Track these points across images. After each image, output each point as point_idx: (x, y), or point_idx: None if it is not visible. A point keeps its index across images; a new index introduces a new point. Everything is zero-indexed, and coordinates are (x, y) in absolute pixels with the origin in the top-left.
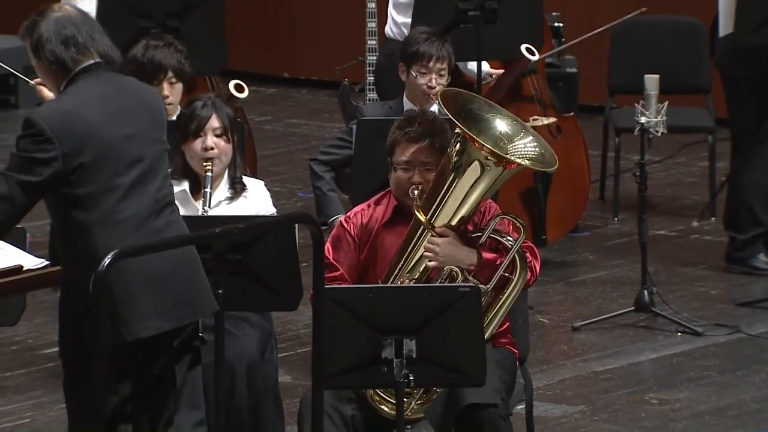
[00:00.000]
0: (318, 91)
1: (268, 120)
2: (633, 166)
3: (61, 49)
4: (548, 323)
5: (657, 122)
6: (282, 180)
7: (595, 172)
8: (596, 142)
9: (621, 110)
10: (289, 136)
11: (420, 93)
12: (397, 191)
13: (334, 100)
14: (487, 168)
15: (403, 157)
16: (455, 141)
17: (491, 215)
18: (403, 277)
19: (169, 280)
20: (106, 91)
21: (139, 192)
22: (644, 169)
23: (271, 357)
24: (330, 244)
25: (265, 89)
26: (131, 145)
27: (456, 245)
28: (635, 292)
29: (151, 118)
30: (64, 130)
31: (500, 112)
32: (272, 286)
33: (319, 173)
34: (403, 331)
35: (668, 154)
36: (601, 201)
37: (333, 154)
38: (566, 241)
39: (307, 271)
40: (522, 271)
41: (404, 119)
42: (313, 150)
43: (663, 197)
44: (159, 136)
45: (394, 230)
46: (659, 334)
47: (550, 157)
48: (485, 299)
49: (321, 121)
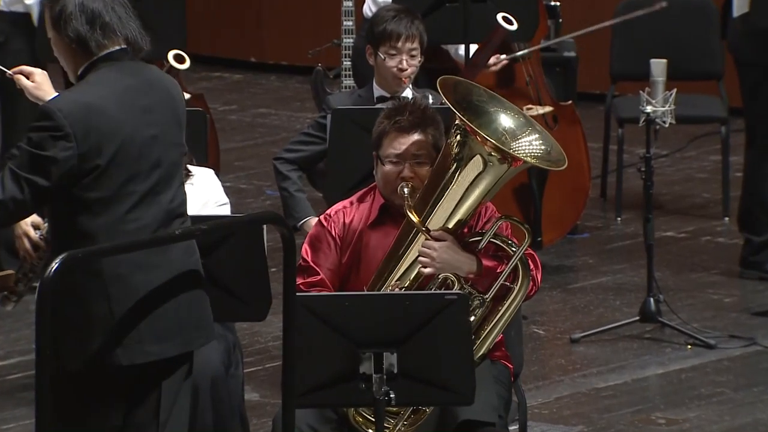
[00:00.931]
0: (288, 77)
1: (233, 109)
2: (638, 161)
3: (87, 29)
4: (544, 335)
5: (664, 112)
6: (249, 176)
7: (595, 167)
8: (597, 134)
9: (624, 99)
10: (257, 127)
11: (390, 77)
12: (384, 188)
13: (307, 87)
14: (491, 164)
15: (393, 150)
16: (455, 132)
17: (488, 218)
18: (392, 284)
19: (174, 299)
20: (132, 84)
21: (152, 201)
22: (650, 164)
23: (236, 372)
24: (308, 245)
25: (230, 75)
26: (152, 148)
27: (454, 250)
28: (640, 300)
29: (174, 118)
30: (85, 126)
31: (504, 106)
32: (238, 294)
33: (285, 173)
34: (384, 344)
35: (677, 147)
36: (602, 199)
37: (299, 151)
38: (564, 244)
39: (277, 276)
40: (524, 280)
41: (393, 108)
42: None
43: (671, 195)
44: (179, 139)
45: (380, 231)
46: (667, 347)
47: (557, 154)
48: (482, 310)
49: (292, 110)
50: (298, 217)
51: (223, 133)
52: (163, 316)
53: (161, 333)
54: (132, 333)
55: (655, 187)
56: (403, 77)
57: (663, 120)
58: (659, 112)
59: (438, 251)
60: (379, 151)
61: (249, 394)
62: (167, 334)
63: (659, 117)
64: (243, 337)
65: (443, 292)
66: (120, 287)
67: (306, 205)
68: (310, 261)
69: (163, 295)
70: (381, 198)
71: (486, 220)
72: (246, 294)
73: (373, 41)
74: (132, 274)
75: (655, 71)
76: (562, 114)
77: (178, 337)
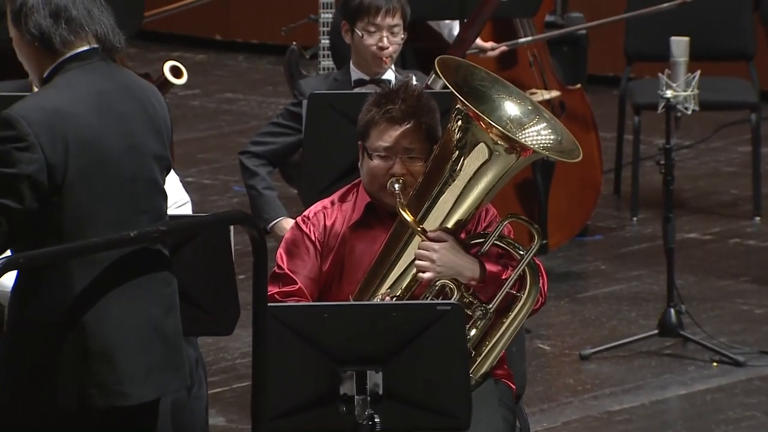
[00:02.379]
0: (258, 57)
1: (196, 94)
2: (656, 153)
3: (50, 23)
4: (550, 351)
5: (686, 97)
6: (213, 170)
7: (608, 160)
8: (610, 122)
9: (641, 82)
10: (223, 114)
11: (370, 57)
12: (370, 185)
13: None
14: (496, 153)
15: (382, 142)
16: (456, 117)
17: (489, 220)
18: (382, 294)
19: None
20: (106, 88)
21: (130, 222)
22: (670, 156)
23: (199, 393)
24: (284, 250)
25: (192, 55)
26: (129, 161)
27: (457, 252)
28: (659, 312)
29: (154, 127)
30: (53, 135)
31: (509, 91)
32: (201, 304)
33: (252, 169)
34: (367, 361)
35: (701, 137)
36: (616, 196)
37: (268, 144)
38: (572, 247)
39: (246, 285)
40: (533, 288)
41: (383, 94)
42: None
43: (694, 191)
44: (161, 151)
45: (365, 234)
46: (690, 365)
47: (569, 143)
48: (485, 322)
49: (263, 95)
50: (268, 218)
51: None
52: (141, 353)
53: (140, 373)
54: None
55: (676, 182)
56: (384, 57)
57: (685, 106)
58: (681, 98)
59: (438, 253)
60: (365, 143)
61: (214, 418)
62: (146, 374)
63: (681, 103)
64: (207, 354)
65: (434, 302)
66: (94, 321)
67: (277, 205)
68: (286, 268)
69: (141, 331)
70: (366, 196)
71: (486, 225)
72: (210, 304)
73: (349, 16)
74: (107, 307)
75: (677, 50)
76: (571, 99)
77: (155, 379)
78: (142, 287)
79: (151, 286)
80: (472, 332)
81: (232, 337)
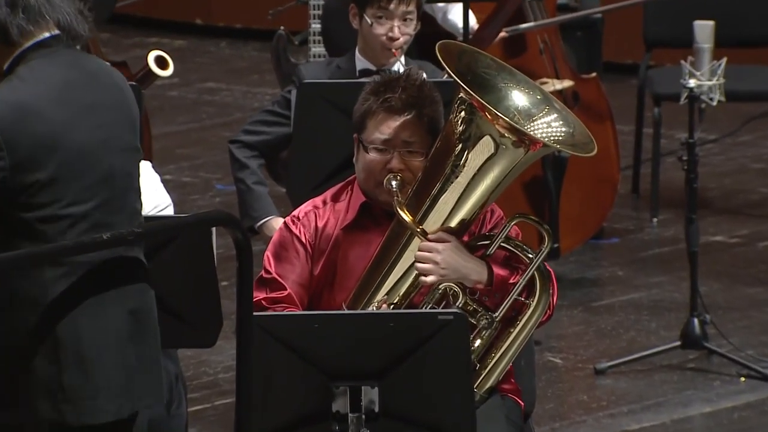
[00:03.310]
0: (243, 44)
1: (174, 84)
2: (678, 148)
3: (6, 12)
4: (562, 364)
5: (711, 87)
6: (193, 167)
7: (626, 155)
8: (628, 114)
9: (662, 70)
10: (203, 105)
11: (378, 47)
12: (366, 182)
13: (266, 56)
14: (503, 147)
15: (380, 134)
16: (459, 107)
17: (494, 221)
18: (378, 302)
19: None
20: (72, 78)
21: (105, 222)
22: (694, 152)
23: (178, 410)
24: (271, 253)
25: (170, 41)
26: (102, 155)
27: (462, 253)
28: (682, 322)
29: (126, 118)
30: (18, 131)
31: (516, 79)
32: (180, 314)
33: (243, 160)
34: (362, 376)
35: (727, 131)
36: (634, 195)
37: (261, 134)
38: (586, 251)
39: (230, 292)
40: (542, 295)
41: (381, 82)
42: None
43: (720, 190)
44: (134, 143)
45: (360, 237)
46: (715, 379)
47: (582, 136)
48: (490, 332)
49: (248, 85)
50: (257, 216)
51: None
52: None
53: (115, 388)
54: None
55: (700, 180)
56: (394, 48)
57: (710, 97)
58: (705, 87)
59: (441, 254)
60: (361, 135)
61: None
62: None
63: (705, 93)
64: (187, 368)
65: (436, 311)
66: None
67: (267, 202)
68: (274, 272)
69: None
70: (361, 195)
71: (492, 227)
72: (190, 314)
73: (358, 0)
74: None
75: (701, 35)
76: (585, 89)
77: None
78: (117, 297)
79: (128, 296)
80: (476, 343)
81: (215, 349)
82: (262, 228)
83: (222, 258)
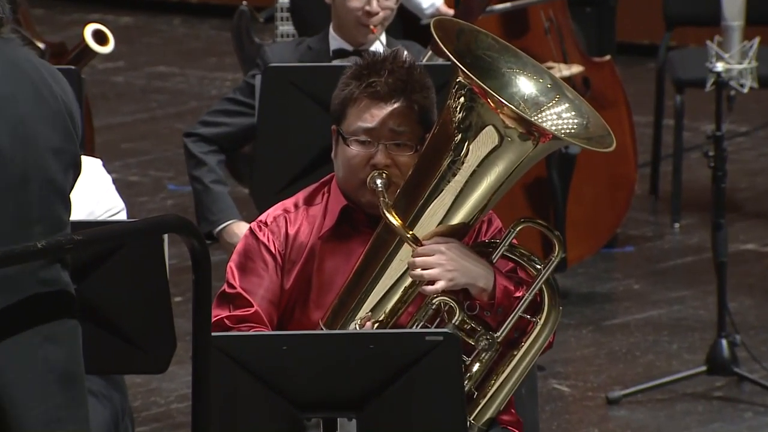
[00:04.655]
0: (200, 21)
1: (120, 68)
2: (704, 142)
3: None
4: (569, 393)
5: (742, 71)
6: (142, 164)
7: (643, 150)
8: (645, 103)
9: (684, 52)
10: (154, 93)
11: (353, 23)
12: (346, 180)
13: (226, 35)
14: (508, 140)
15: (362, 123)
16: (457, 92)
17: (491, 233)
18: (361, 319)
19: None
20: None
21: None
22: (722, 146)
23: None
24: (235, 264)
25: (115, 18)
26: (18, 155)
27: (468, 253)
28: (708, 343)
29: (54, 113)
30: None
31: (523, 63)
32: (126, 335)
33: (199, 156)
34: (338, 406)
35: (760, 123)
36: (652, 197)
37: (221, 125)
38: (597, 262)
39: (185, 309)
40: (551, 312)
41: (364, 64)
42: (191, 116)
43: (752, 191)
44: (61, 143)
45: (339, 246)
46: (746, 410)
47: (598, 128)
48: (490, 355)
49: (204, 68)
50: (216, 220)
51: (103, 102)
52: (39, 402)
53: (37, 427)
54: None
55: (729, 179)
56: (372, 24)
57: (740, 83)
58: (735, 72)
59: (446, 254)
60: (341, 126)
61: None
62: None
63: (735, 78)
64: (135, 397)
65: (422, 330)
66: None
67: (228, 204)
68: (238, 287)
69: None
70: (341, 198)
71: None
72: (138, 335)
73: None
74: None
75: (729, 12)
76: (597, 74)
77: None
78: (39, 328)
79: (52, 326)
80: (474, 367)
81: (167, 375)
82: (221, 234)
83: (176, 270)
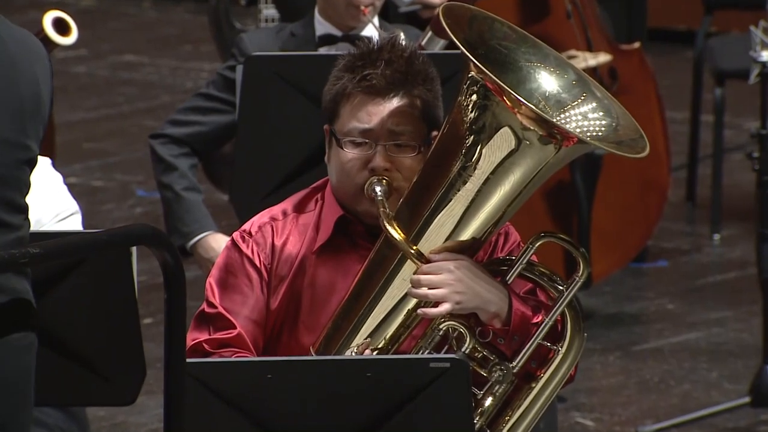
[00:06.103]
0: (173, 4)
1: (82, 57)
2: (748, 141)
3: None
4: (593, 427)
5: None
6: (107, 167)
7: (678, 151)
8: (681, 97)
9: (725, 39)
10: (120, 86)
11: (343, 7)
12: (341, 187)
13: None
14: (527, 143)
15: (358, 123)
16: (468, 87)
17: (509, 248)
18: (358, 345)
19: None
20: None
21: None
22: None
23: None
24: (215, 281)
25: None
26: None
27: (479, 274)
28: (752, 371)
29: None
30: None
31: (544, 55)
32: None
33: (169, 160)
34: None
35: None
36: (689, 204)
37: (193, 125)
38: (626, 278)
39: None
40: (575, 339)
41: (358, 55)
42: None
43: None
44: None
45: (334, 261)
46: None
47: (630, 131)
48: (505, 387)
49: (178, 58)
50: (189, 232)
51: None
52: None
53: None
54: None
55: None
56: (362, 5)
57: None
58: None
59: (454, 273)
60: (334, 126)
61: None
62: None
63: None
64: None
65: (428, 356)
66: None
67: (202, 213)
68: (218, 305)
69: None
70: (336, 206)
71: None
72: (102, 362)
73: None
74: None
75: None
76: (625, 64)
77: None
78: None
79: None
80: (487, 402)
81: (135, 407)
82: (196, 248)
83: (145, 287)
